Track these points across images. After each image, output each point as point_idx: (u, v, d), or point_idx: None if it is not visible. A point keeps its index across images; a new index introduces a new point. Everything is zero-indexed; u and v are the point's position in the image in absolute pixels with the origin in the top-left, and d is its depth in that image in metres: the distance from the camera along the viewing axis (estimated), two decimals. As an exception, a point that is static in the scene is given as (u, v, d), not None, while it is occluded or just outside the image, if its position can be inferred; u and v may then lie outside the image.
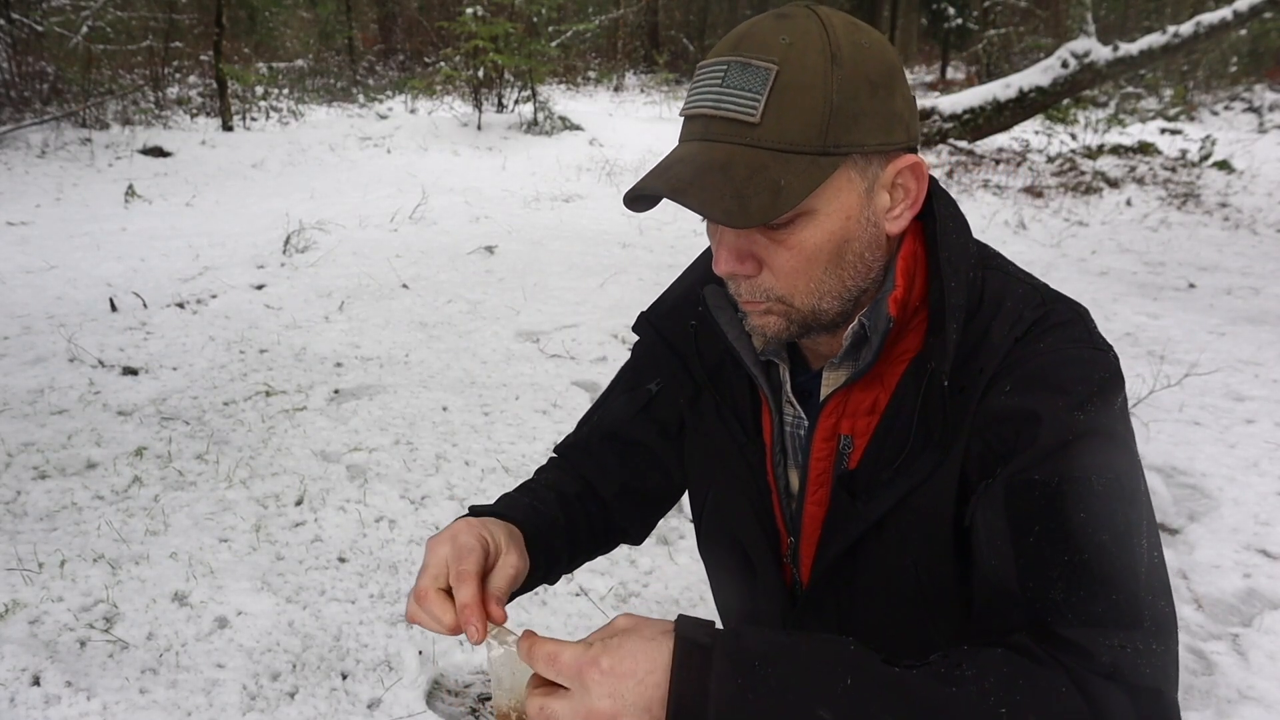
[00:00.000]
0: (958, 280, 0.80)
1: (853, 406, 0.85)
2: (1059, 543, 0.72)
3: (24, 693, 1.88)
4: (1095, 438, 0.74)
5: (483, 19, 10.19)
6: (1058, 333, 0.79)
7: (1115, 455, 0.74)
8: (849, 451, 0.86)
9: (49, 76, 9.90)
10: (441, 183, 7.91)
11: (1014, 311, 0.80)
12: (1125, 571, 0.71)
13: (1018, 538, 0.73)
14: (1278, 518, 2.76)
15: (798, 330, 0.82)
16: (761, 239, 0.78)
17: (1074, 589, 0.71)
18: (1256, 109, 14.33)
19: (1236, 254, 6.37)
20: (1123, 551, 0.72)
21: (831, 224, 0.77)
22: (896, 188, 0.80)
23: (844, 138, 0.74)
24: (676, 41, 22.90)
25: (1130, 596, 0.71)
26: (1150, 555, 0.73)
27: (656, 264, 5.61)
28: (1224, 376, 3.92)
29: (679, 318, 0.97)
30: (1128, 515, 0.73)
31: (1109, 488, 0.73)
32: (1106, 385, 0.77)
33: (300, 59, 16.89)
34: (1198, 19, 8.39)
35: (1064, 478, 0.73)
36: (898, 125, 0.78)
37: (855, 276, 0.80)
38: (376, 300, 4.68)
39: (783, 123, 0.73)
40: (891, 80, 0.77)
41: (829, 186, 0.75)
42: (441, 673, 2.05)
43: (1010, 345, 0.78)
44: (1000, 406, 0.76)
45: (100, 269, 5.04)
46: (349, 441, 3.11)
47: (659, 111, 13.36)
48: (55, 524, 2.53)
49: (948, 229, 0.82)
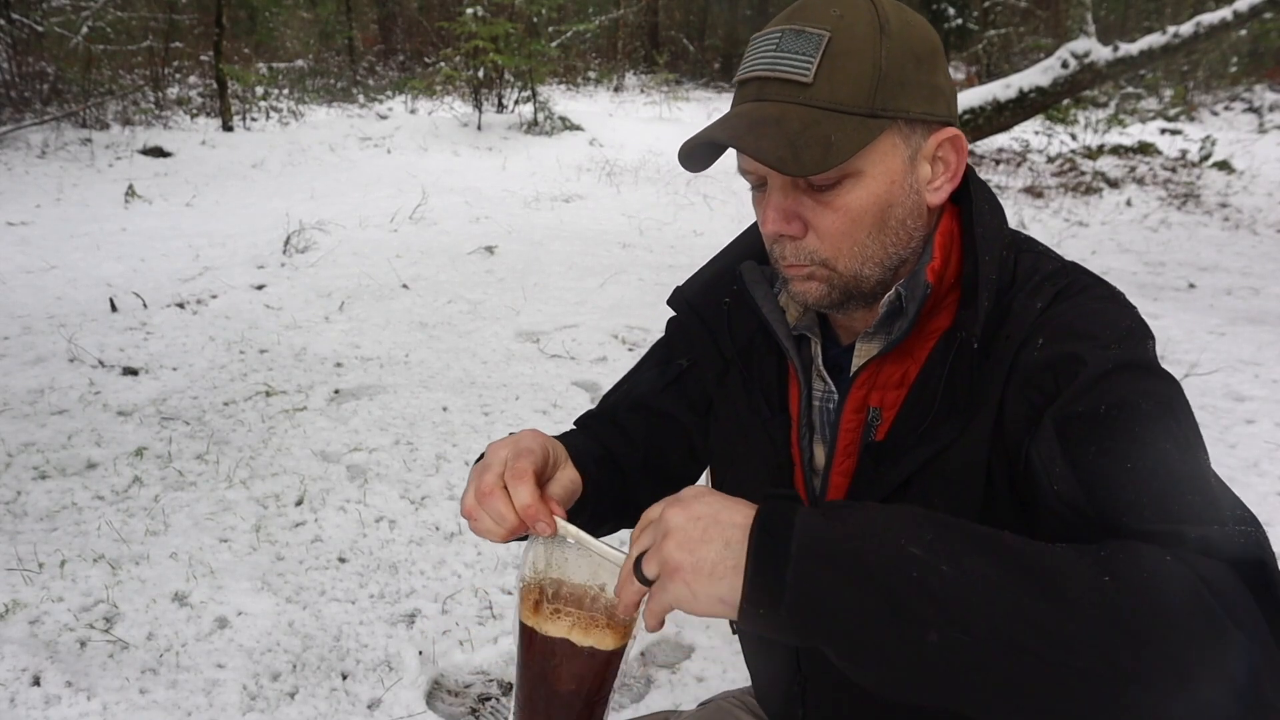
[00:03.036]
0: (991, 255, 0.82)
1: (883, 379, 0.87)
2: (1120, 456, 0.70)
3: (24, 693, 1.88)
4: (1135, 369, 0.74)
5: (483, 19, 10.19)
6: (1083, 294, 0.81)
7: (1159, 384, 0.74)
8: (877, 424, 0.87)
9: (49, 77, 9.89)
10: (441, 183, 7.91)
11: (1040, 284, 0.82)
12: (1196, 475, 0.70)
13: (1077, 461, 0.72)
14: (1278, 518, 2.76)
15: (838, 297, 0.84)
16: (808, 200, 0.81)
17: (1145, 489, 0.69)
18: (1256, 109, 14.33)
19: (1236, 254, 6.37)
20: (1188, 458, 0.70)
21: (877, 186, 0.80)
22: (937, 160, 0.83)
23: (891, 103, 0.78)
24: (676, 42, 22.90)
25: (1206, 496, 0.68)
26: (1210, 469, 0.71)
27: (656, 264, 5.61)
28: (1224, 376, 3.92)
29: (714, 294, 1.00)
30: (1185, 431, 0.72)
31: (1159, 408, 0.72)
32: (1136, 330, 0.78)
33: (300, 59, 16.88)
34: (1198, 19, 8.37)
35: (1110, 404, 0.72)
36: (940, 98, 0.81)
37: (897, 244, 0.83)
38: (376, 300, 4.68)
39: (834, 84, 0.77)
40: (935, 56, 0.82)
41: (875, 148, 0.79)
42: (441, 673, 2.05)
43: (1038, 314, 0.79)
44: (1037, 360, 0.77)
45: (100, 269, 5.04)
46: (349, 441, 3.11)
47: (659, 111, 13.36)
48: (55, 524, 2.53)
49: (983, 209, 0.85)
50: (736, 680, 2.01)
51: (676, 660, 2.11)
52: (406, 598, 2.28)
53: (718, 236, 6.03)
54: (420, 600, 2.27)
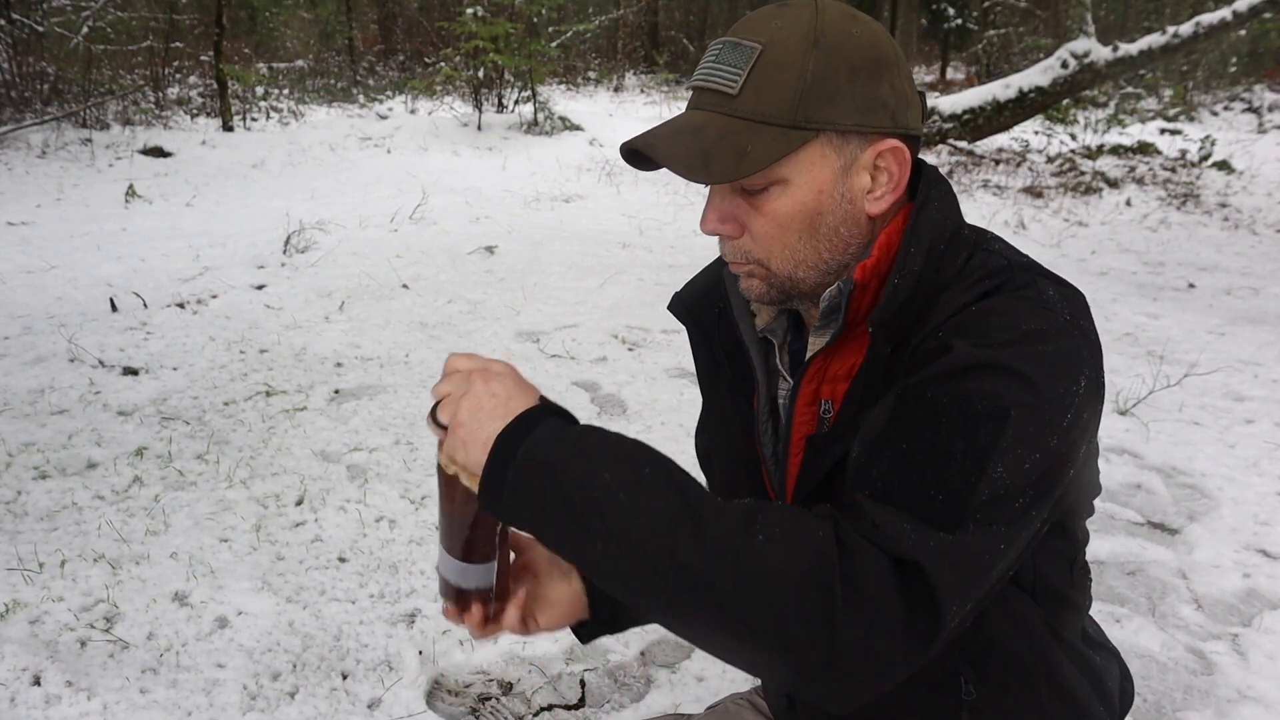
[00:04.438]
0: (917, 245, 0.83)
1: (832, 373, 0.89)
2: (912, 440, 0.73)
3: (24, 693, 1.88)
4: (997, 370, 0.73)
5: (483, 19, 10.19)
6: (1010, 294, 0.79)
7: (1014, 391, 0.72)
8: (829, 416, 0.90)
9: (49, 77, 9.89)
10: (441, 183, 7.91)
11: (973, 281, 0.81)
12: (962, 483, 0.70)
13: (885, 432, 0.76)
14: (1277, 518, 2.76)
15: (779, 295, 0.88)
16: (744, 204, 0.84)
17: (895, 472, 0.73)
18: (1256, 109, 14.33)
19: (1236, 254, 6.37)
20: (970, 466, 0.71)
21: (803, 195, 0.82)
22: (879, 170, 0.84)
23: (815, 114, 0.79)
24: (676, 41, 22.90)
25: (954, 505, 0.70)
26: (1004, 489, 0.71)
27: (656, 264, 5.61)
28: (1223, 376, 3.92)
29: (706, 299, 1.03)
30: (996, 440, 0.71)
31: (988, 411, 0.72)
32: (1035, 334, 0.75)
33: (300, 59, 16.88)
34: (1197, 19, 8.38)
35: (952, 396, 0.73)
36: (880, 110, 0.81)
37: (831, 250, 0.85)
38: (377, 300, 4.68)
39: (759, 96, 0.80)
40: (878, 68, 0.81)
41: (800, 158, 0.81)
42: (441, 673, 2.05)
43: (958, 309, 0.79)
44: (923, 348, 0.79)
45: (100, 269, 5.04)
46: (349, 441, 3.11)
47: (659, 112, 13.35)
48: (56, 524, 2.54)
49: (930, 208, 0.86)
50: (736, 680, 2.01)
51: (677, 660, 2.11)
52: (406, 597, 2.28)
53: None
54: (420, 600, 2.27)
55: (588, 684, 2.03)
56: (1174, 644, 2.19)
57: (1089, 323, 0.80)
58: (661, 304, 4.37)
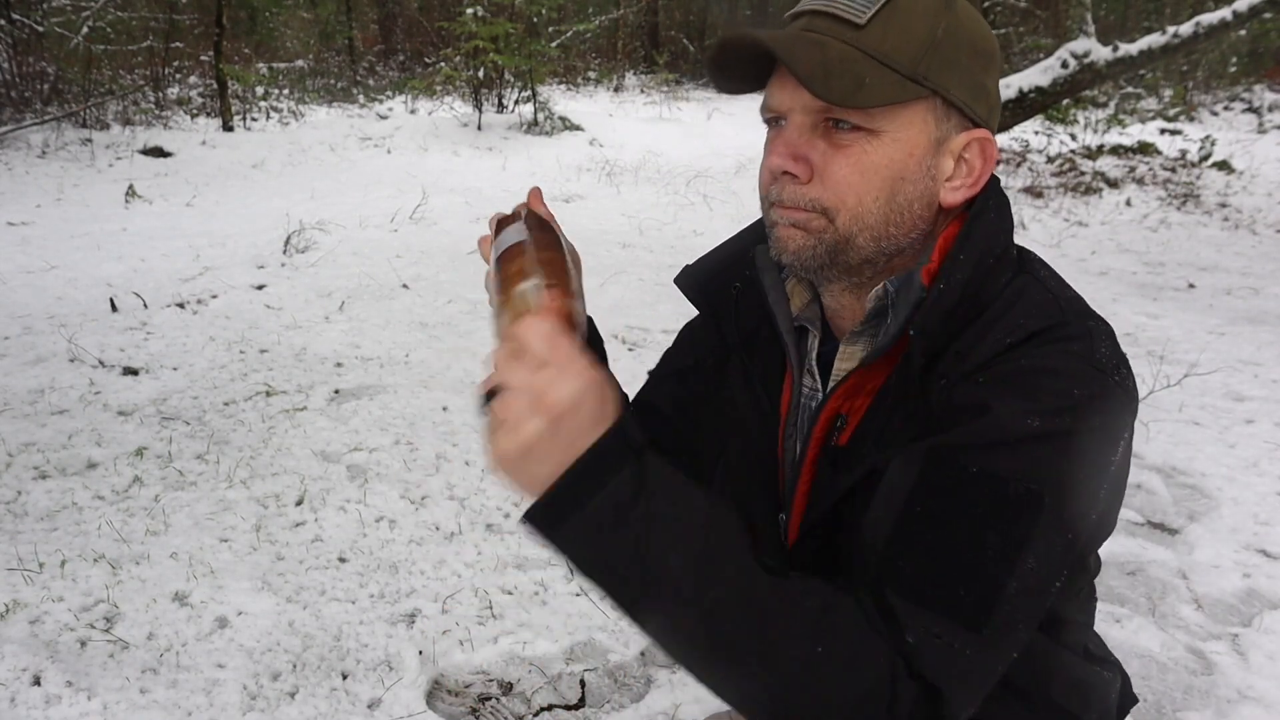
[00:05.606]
0: (968, 254, 0.78)
1: (856, 385, 0.85)
2: (941, 524, 0.70)
3: (24, 693, 1.88)
4: (1039, 444, 0.69)
5: (483, 19, 10.19)
6: (1056, 345, 0.74)
7: (1055, 471, 0.69)
8: (842, 429, 0.85)
9: (49, 77, 9.89)
10: (442, 183, 7.91)
11: (1020, 317, 0.76)
12: (990, 577, 0.68)
13: (911, 502, 0.71)
14: (1277, 518, 2.76)
15: (823, 255, 0.80)
16: (823, 145, 0.77)
17: (926, 567, 0.69)
18: (1256, 109, 14.33)
19: (1236, 254, 6.37)
20: (1000, 559, 0.68)
21: (895, 151, 0.76)
22: (962, 161, 0.80)
23: (935, 74, 0.75)
24: (676, 42, 22.89)
25: (982, 601, 0.68)
26: (1035, 581, 0.69)
27: (656, 264, 5.61)
28: (1223, 376, 3.92)
29: (723, 277, 0.96)
30: (1029, 531, 0.68)
31: (1024, 498, 0.68)
32: (1086, 403, 0.71)
33: (300, 59, 16.88)
34: (1197, 19, 8.37)
35: (985, 472, 0.69)
36: (984, 98, 0.79)
37: (899, 225, 0.79)
38: (377, 300, 4.68)
39: (886, 34, 0.74)
40: (991, 59, 0.80)
41: (905, 113, 0.76)
42: (441, 673, 2.05)
43: (1003, 348, 0.74)
44: (962, 395, 0.74)
45: (100, 269, 5.04)
46: (349, 441, 3.11)
47: (659, 112, 13.35)
48: (56, 524, 2.54)
49: (987, 216, 0.81)
50: (736, 680, 2.01)
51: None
52: (406, 597, 2.28)
53: (718, 236, 6.01)
54: (420, 600, 2.27)
55: (588, 684, 2.03)
56: (1174, 644, 2.19)
57: (1129, 373, 0.76)
58: (662, 304, 4.35)
